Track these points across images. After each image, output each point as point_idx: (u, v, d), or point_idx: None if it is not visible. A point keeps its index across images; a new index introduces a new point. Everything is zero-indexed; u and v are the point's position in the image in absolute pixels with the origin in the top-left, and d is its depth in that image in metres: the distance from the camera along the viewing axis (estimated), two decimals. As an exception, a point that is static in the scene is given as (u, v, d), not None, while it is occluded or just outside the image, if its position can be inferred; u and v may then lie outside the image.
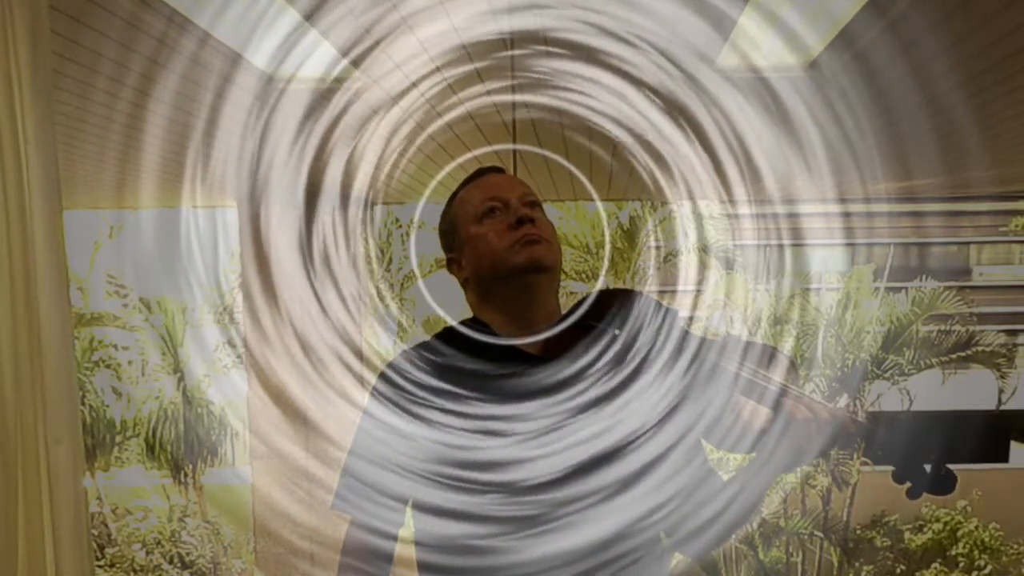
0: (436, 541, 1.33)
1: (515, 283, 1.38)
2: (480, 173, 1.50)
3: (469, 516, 1.30)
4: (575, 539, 1.29)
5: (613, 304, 1.39)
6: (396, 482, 1.32)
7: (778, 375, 1.30)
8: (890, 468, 1.27)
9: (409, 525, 1.38)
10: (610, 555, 1.30)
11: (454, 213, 1.47)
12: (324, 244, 4.40)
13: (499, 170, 1.52)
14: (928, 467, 1.26)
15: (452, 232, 1.47)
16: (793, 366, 1.32)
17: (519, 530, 1.30)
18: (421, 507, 1.33)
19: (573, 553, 1.30)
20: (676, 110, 3.05)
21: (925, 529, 10.38)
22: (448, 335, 1.43)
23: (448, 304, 1.64)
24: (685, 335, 1.36)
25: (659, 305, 1.40)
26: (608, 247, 10.18)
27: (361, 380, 4.39)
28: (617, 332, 1.35)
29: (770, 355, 1.32)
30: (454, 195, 1.50)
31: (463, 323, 1.44)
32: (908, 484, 1.26)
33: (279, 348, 4.61)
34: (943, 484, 1.26)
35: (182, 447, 9.20)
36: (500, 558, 1.30)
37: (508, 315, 1.40)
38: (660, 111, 3.09)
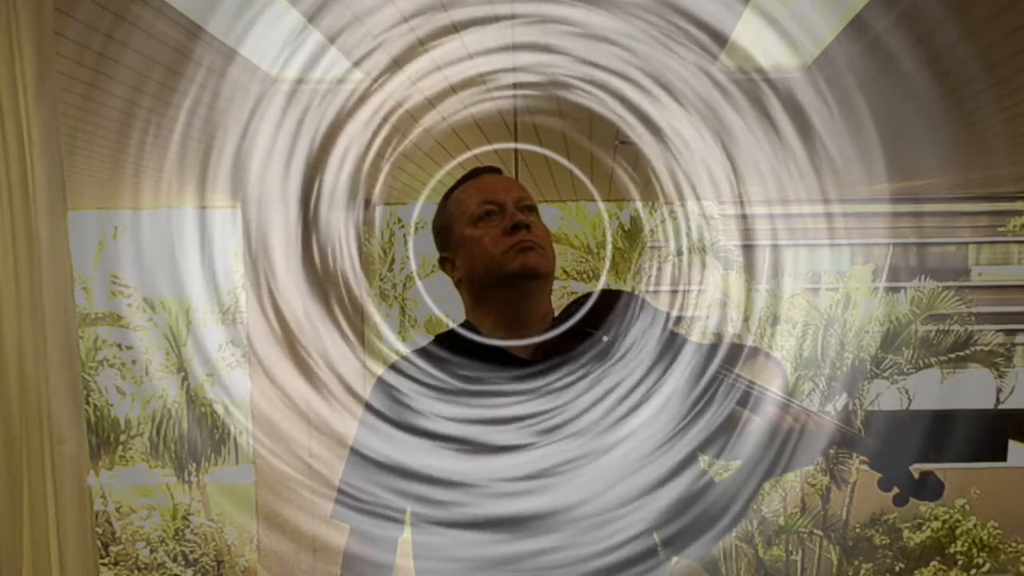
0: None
1: (508, 288, 1.38)
2: (476, 173, 1.49)
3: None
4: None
5: (606, 309, 1.39)
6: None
7: (768, 382, 1.30)
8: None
9: (409, 532, 1.39)
10: None
11: (449, 213, 1.46)
12: (327, 244, 4.41)
13: (496, 170, 1.51)
14: (916, 474, 1.26)
15: (447, 232, 1.46)
16: (784, 374, 1.32)
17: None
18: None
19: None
20: (675, 110, 3.05)
21: (924, 527, 10.38)
22: (440, 342, 1.43)
23: (449, 304, 1.65)
24: (680, 341, 1.36)
25: (653, 309, 1.40)
26: (609, 247, 10.18)
27: (363, 380, 4.40)
28: (606, 338, 1.35)
29: (762, 361, 1.32)
30: (449, 193, 1.48)
31: (458, 327, 1.44)
32: (895, 491, 1.26)
33: (282, 347, 4.62)
34: (930, 491, 1.26)
35: (186, 446, 9.23)
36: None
37: (500, 318, 1.40)
38: (659, 111, 3.09)
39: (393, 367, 1.40)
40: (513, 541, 1.30)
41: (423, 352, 1.41)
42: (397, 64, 2.76)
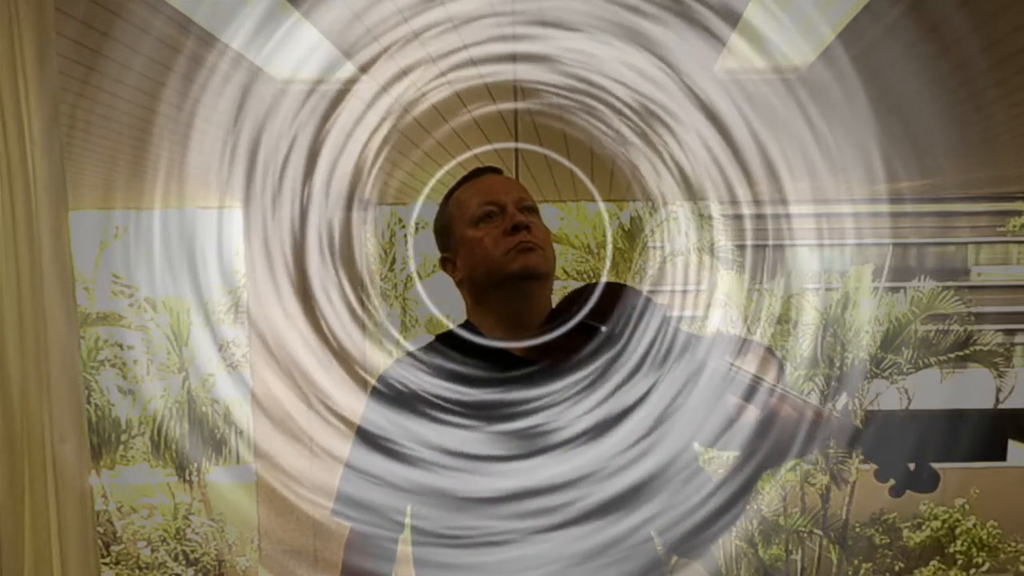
0: None
1: (509, 289, 1.39)
2: (477, 173, 1.50)
3: None
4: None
5: (602, 302, 1.38)
6: None
7: (764, 372, 1.30)
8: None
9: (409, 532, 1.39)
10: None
11: (450, 213, 1.47)
12: (327, 244, 4.41)
13: (496, 171, 1.51)
14: (911, 465, 1.26)
15: (447, 232, 1.47)
16: (780, 363, 1.32)
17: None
18: None
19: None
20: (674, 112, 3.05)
21: (923, 527, 10.38)
22: (439, 342, 1.43)
23: (449, 305, 1.66)
24: (675, 332, 1.35)
25: (649, 302, 1.40)
26: (610, 247, 10.19)
27: (364, 379, 4.40)
28: (604, 329, 1.34)
29: (758, 352, 1.32)
30: (450, 193, 1.49)
31: (458, 327, 1.45)
32: (891, 482, 1.27)
33: (283, 347, 4.63)
34: (926, 482, 1.26)
35: (187, 445, 9.23)
36: None
37: (500, 318, 1.41)
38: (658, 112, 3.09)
39: (384, 376, 1.41)
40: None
41: (417, 357, 1.41)
42: (385, 51, 2.76)
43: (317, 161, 3.56)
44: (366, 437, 1.38)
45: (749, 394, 1.29)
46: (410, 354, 1.41)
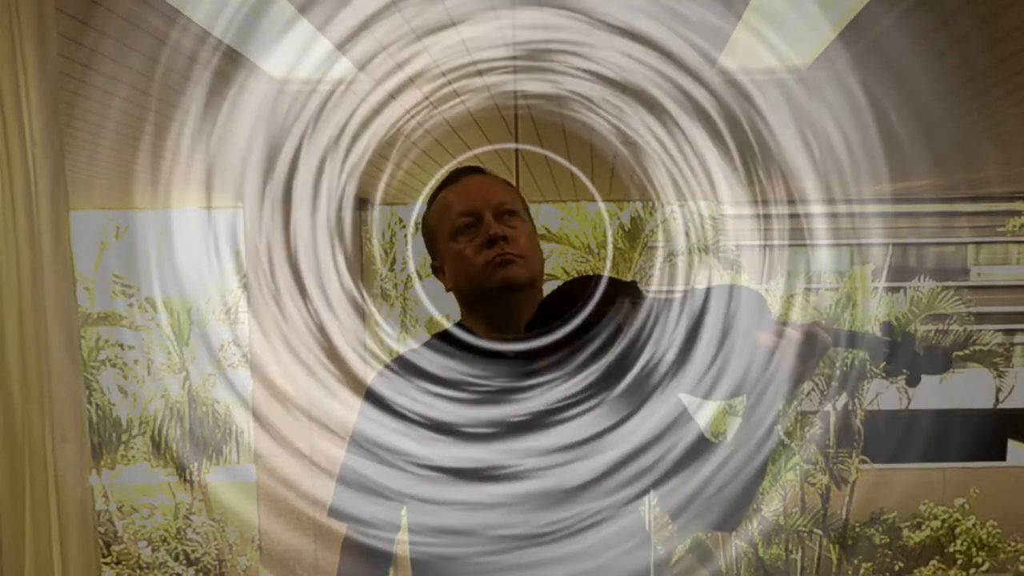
0: None
1: (492, 300, 1.39)
2: (457, 175, 1.47)
3: None
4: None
5: (603, 309, 1.36)
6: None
7: (746, 311, 1.27)
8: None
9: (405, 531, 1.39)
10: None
11: (432, 222, 1.46)
12: (328, 244, 4.41)
13: (478, 170, 1.49)
14: (921, 350, 1.26)
15: (432, 241, 1.47)
16: (761, 298, 1.29)
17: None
18: None
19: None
20: (674, 112, 3.05)
21: (923, 526, 10.38)
22: (433, 344, 1.43)
23: (450, 304, 1.65)
24: (650, 302, 1.33)
25: (622, 283, 1.38)
26: (610, 247, 10.19)
27: (365, 379, 4.40)
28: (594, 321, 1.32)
29: (736, 294, 1.29)
30: (433, 197, 1.48)
31: (454, 326, 1.44)
32: (905, 372, 1.26)
33: (283, 347, 4.63)
34: (936, 363, 1.26)
35: (187, 445, 9.25)
36: None
37: (491, 325, 1.41)
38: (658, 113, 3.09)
39: (374, 386, 1.40)
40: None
41: (411, 359, 1.41)
42: (391, 56, 2.76)
43: (316, 160, 3.56)
44: (352, 460, 1.39)
45: (735, 335, 1.26)
46: (397, 361, 1.41)
